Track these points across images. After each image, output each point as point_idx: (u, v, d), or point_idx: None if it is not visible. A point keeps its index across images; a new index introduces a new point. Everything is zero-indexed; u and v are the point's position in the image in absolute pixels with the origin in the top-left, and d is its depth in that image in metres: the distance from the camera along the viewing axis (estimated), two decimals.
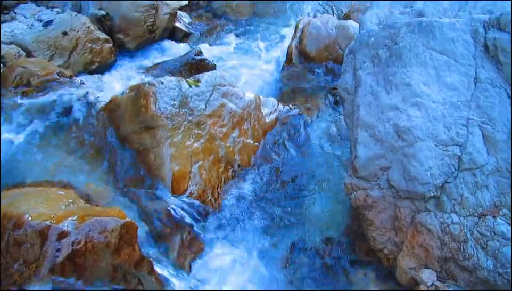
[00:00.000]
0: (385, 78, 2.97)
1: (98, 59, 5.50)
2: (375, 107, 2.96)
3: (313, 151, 4.15)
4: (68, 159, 3.84)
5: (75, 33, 5.42)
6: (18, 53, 5.04)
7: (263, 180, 3.89)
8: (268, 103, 4.44)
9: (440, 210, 2.67)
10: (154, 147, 3.64)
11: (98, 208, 3.14)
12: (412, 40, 2.93)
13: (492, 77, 2.71)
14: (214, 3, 7.32)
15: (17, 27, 5.39)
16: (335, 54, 5.11)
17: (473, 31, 2.83)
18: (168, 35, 6.38)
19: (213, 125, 3.90)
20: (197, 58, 5.42)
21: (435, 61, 2.84)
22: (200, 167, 3.68)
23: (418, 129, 2.73)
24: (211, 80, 4.08)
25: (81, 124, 4.13)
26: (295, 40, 5.42)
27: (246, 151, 4.01)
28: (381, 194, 2.91)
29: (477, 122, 2.67)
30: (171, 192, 3.52)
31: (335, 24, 5.29)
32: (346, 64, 3.42)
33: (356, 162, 2.99)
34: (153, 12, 6.05)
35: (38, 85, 4.33)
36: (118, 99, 3.99)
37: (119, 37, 5.90)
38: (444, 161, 2.68)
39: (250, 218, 3.64)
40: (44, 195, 3.10)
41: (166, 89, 3.80)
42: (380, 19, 3.38)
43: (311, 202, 3.74)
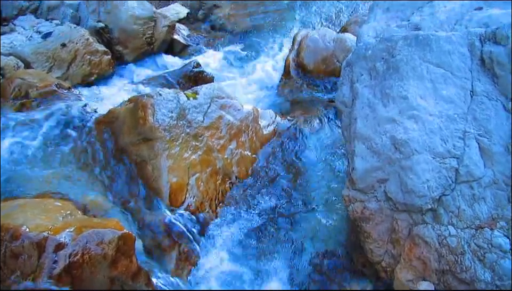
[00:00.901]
0: (382, 91, 2.99)
1: (96, 71, 5.52)
2: (372, 119, 2.98)
3: (310, 163, 4.16)
4: (66, 171, 3.83)
5: (74, 45, 5.45)
6: (17, 64, 5.05)
7: (261, 192, 3.89)
8: (266, 115, 4.46)
9: (437, 223, 2.67)
10: (152, 159, 3.64)
11: (96, 220, 3.13)
12: (409, 53, 2.95)
13: (488, 89, 2.73)
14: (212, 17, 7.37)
15: (16, 39, 5.40)
16: (333, 66, 5.13)
17: (470, 45, 2.84)
18: (166, 48, 6.41)
19: (211, 137, 3.91)
20: (195, 70, 5.45)
21: (432, 74, 2.85)
22: (197, 179, 3.69)
23: (414, 142, 2.74)
24: (209, 92, 4.10)
25: (79, 135, 4.13)
26: (292, 53, 5.45)
27: (244, 163, 4.01)
28: (378, 206, 2.91)
29: (474, 134, 2.68)
30: (169, 204, 3.52)
31: (332, 37, 5.32)
32: (344, 76, 3.43)
33: (353, 174, 2.99)
34: (152, 25, 6.09)
35: (37, 97, 4.34)
36: (117, 111, 4.00)
37: (118, 49, 5.93)
38: (441, 173, 2.68)
39: (248, 231, 3.63)
40: (41, 207, 3.09)
41: (164, 101, 3.81)
42: (377, 32, 3.40)
43: (309, 214, 3.73)
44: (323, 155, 4.24)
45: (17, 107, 4.28)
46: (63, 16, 6.07)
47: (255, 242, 3.57)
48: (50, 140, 4.09)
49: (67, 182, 3.73)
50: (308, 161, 4.17)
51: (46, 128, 4.18)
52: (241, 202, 3.81)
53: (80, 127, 4.19)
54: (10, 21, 5.83)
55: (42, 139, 4.10)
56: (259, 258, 3.48)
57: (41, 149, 4.01)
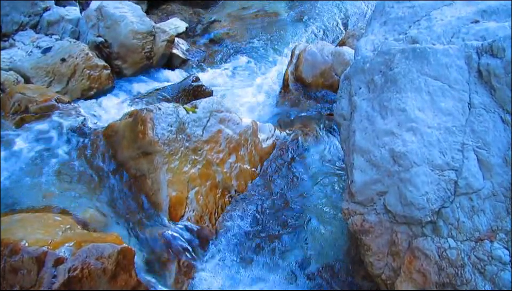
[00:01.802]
0: (380, 104, 3.00)
1: (96, 86, 5.54)
2: (371, 132, 2.98)
3: (310, 176, 4.16)
4: (66, 185, 3.83)
5: (73, 59, 5.47)
6: (16, 79, 5.07)
7: (260, 206, 3.89)
8: (265, 129, 4.47)
9: (437, 235, 2.67)
10: (151, 173, 3.65)
11: (95, 234, 3.13)
12: (407, 66, 2.97)
13: (485, 102, 2.74)
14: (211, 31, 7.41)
15: (16, 54, 5.44)
16: (331, 80, 5.15)
17: (467, 57, 2.86)
18: (165, 62, 6.44)
19: (210, 151, 3.92)
20: (194, 84, 5.46)
21: (430, 87, 2.87)
22: (197, 192, 3.69)
23: (413, 154, 2.74)
24: (208, 106, 4.11)
25: (78, 150, 4.14)
26: (291, 66, 5.47)
27: (243, 177, 4.02)
28: (378, 219, 2.91)
29: (472, 147, 2.69)
30: (168, 218, 3.51)
31: (331, 50, 5.34)
32: (342, 89, 3.45)
33: (352, 187, 2.99)
34: (151, 39, 6.12)
35: (36, 111, 4.35)
36: (116, 125, 4.01)
37: (117, 64, 5.96)
38: (440, 185, 2.68)
39: (247, 244, 3.63)
40: (41, 221, 3.09)
41: (163, 115, 3.82)
42: (375, 46, 3.42)
43: (308, 228, 3.73)
44: (322, 168, 4.24)
45: (17, 122, 4.29)
46: (63, 31, 6.11)
47: (254, 255, 3.56)
48: (49, 154, 4.10)
49: (67, 196, 3.73)
50: (308, 174, 4.17)
51: (45, 142, 4.19)
52: (241, 216, 3.80)
53: (79, 141, 4.20)
54: (11, 36, 5.87)
55: (42, 153, 4.10)
56: (258, 271, 3.47)
57: (40, 163, 4.02)
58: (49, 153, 4.11)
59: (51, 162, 4.03)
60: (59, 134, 4.25)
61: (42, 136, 4.23)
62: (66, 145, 4.20)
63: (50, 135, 4.25)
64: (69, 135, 4.27)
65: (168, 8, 7.98)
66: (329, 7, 7.55)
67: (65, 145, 4.20)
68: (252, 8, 8.01)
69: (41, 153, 4.11)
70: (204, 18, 7.83)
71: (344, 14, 7.34)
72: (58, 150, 4.15)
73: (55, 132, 4.26)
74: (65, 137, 4.24)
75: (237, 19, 7.74)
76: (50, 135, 4.25)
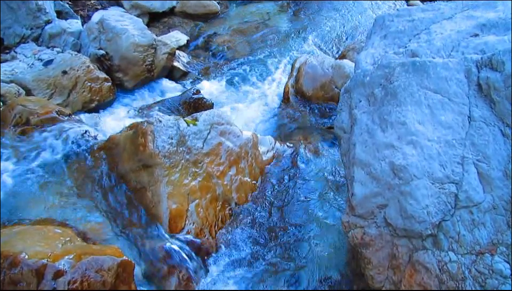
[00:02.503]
0: (380, 117, 3.01)
1: (97, 98, 5.56)
2: (371, 145, 2.99)
3: (310, 189, 4.16)
4: (66, 197, 3.83)
5: (75, 72, 5.49)
6: (18, 91, 5.09)
7: (260, 218, 3.89)
8: (265, 141, 4.48)
9: (437, 248, 2.66)
10: (151, 186, 3.65)
11: (95, 247, 3.12)
12: (407, 80, 2.98)
13: (485, 115, 2.75)
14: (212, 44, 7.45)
15: (18, 67, 5.45)
16: (331, 92, 5.17)
17: (467, 71, 2.88)
18: (166, 74, 6.45)
19: (210, 163, 3.92)
20: (195, 97, 5.48)
21: (430, 100, 2.88)
22: (197, 205, 3.68)
23: (413, 167, 2.75)
24: (209, 119, 4.12)
25: (79, 162, 4.14)
26: (291, 79, 5.49)
27: (243, 189, 4.02)
28: (378, 232, 2.90)
29: (472, 160, 2.69)
30: (168, 231, 3.51)
31: (331, 63, 5.37)
32: (342, 103, 3.46)
33: (352, 200, 2.99)
34: (152, 52, 6.15)
35: (37, 123, 4.36)
36: (117, 138, 4.02)
37: (118, 76, 5.97)
38: (440, 199, 2.68)
39: (248, 257, 3.62)
40: (41, 234, 3.09)
41: (164, 127, 3.83)
42: (375, 59, 3.44)
43: (309, 241, 3.72)
44: (322, 181, 4.25)
45: (18, 134, 4.29)
46: (64, 44, 6.14)
47: (254, 268, 3.55)
48: (49, 166, 4.10)
49: (67, 208, 3.73)
50: (308, 187, 4.17)
51: (46, 154, 4.19)
52: (241, 229, 3.80)
53: (80, 153, 4.20)
54: (12, 48, 5.90)
55: (42, 165, 4.11)
56: (258, 285, 3.46)
57: (40, 175, 4.02)
58: (49, 165, 4.12)
59: (51, 174, 4.04)
60: (60, 146, 4.25)
61: (43, 148, 4.23)
62: (67, 158, 4.20)
63: (51, 147, 4.25)
64: (70, 147, 4.27)
65: (170, 21, 8.02)
66: (329, 20, 7.59)
67: (66, 157, 4.20)
68: (252, 21, 8.06)
69: (41, 165, 4.11)
70: (205, 32, 7.86)
71: (344, 27, 7.38)
72: (59, 162, 4.15)
73: (55, 145, 4.26)
74: (66, 149, 4.24)
75: (237, 32, 7.78)
76: (51, 147, 4.25)
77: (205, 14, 8.26)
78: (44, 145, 4.25)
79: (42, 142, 4.28)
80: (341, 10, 7.71)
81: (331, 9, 7.83)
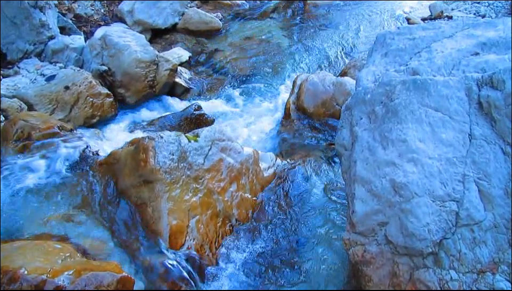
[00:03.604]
0: (381, 134, 3.01)
1: (98, 114, 5.58)
2: (372, 162, 2.99)
3: (311, 206, 4.15)
4: (66, 212, 3.83)
5: (77, 87, 5.52)
6: (20, 106, 5.11)
7: (261, 235, 3.88)
8: (266, 158, 4.48)
9: (438, 267, 2.65)
10: (152, 201, 3.65)
11: (95, 262, 3.11)
12: (408, 97, 2.99)
13: (486, 133, 2.76)
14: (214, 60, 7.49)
15: (20, 82, 5.49)
16: (332, 109, 5.18)
17: (467, 89, 2.89)
18: (168, 91, 6.49)
19: (211, 179, 3.92)
20: (196, 113, 5.49)
21: (430, 118, 2.89)
22: (197, 221, 3.68)
23: (414, 185, 2.75)
24: (210, 135, 4.13)
25: (79, 177, 4.14)
26: (292, 96, 5.51)
27: (244, 206, 4.01)
28: (379, 250, 2.89)
29: (473, 178, 2.69)
30: (168, 247, 3.50)
31: (332, 80, 5.39)
32: (343, 120, 3.47)
33: (353, 217, 2.99)
34: (154, 68, 6.18)
35: (39, 138, 4.37)
36: (118, 153, 4.03)
37: (120, 92, 6.00)
38: (441, 217, 2.68)
39: (248, 275, 3.60)
40: (41, 249, 3.08)
41: (165, 143, 3.84)
42: (376, 76, 3.46)
43: (309, 258, 3.71)
44: (323, 198, 4.24)
45: (19, 149, 4.30)
46: (67, 60, 6.18)
47: (254, 285, 3.53)
48: (50, 181, 4.11)
49: (67, 223, 3.73)
50: (308, 204, 4.17)
51: (47, 169, 4.20)
52: (241, 245, 3.79)
53: (81, 168, 4.21)
54: (15, 63, 5.93)
55: (43, 180, 4.11)
56: None
57: (41, 190, 4.02)
58: (50, 180, 4.12)
59: (52, 190, 4.04)
60: (61, 161, 4.26)
61: (44, 163, 4.24)
62: (68, 173, 4.21)
63: (52, 162, 4.26)
64: (71, 162, 4.28)
65: (172, 38, 8.08)
66: (330, 37, 7.64)
67: (67, 173, 4.21)
68: (254, 38, 8.11)
69: (42, 180, 4.11)
70: (207, 48, 7.91)
71: (345, 44, 7.42)
72: (60, 177, 4.16)
73: (57, 160, 4.27)
74: (67, 164, 4.25)
75: (239, 48, 7.83)
76: (52, 162, 4.26)
77: (207, 30, 8.32)
78: (45, 160, 4.26)
79: (43, 157, 4.28)
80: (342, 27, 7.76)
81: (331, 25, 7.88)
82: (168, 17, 8.05)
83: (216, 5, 9.31)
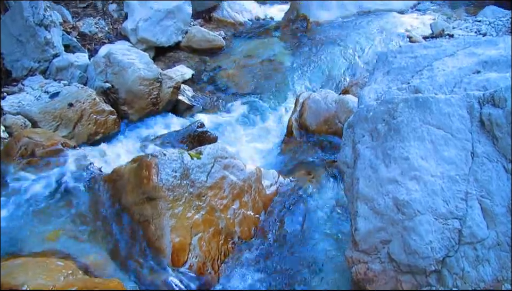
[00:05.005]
0: (383, 152, 3.02)
1: (102, 130, 5.61)
2: (374, 180, 3.00)
3: (313, 223, 4.14)
4: (69, 229, 3.83)
5: (80, 104, 5.56)
6: (24, 123, 5.15)
7: (263, 253, 3.87)
8: (269, 175, 4.48)
9: (441, 285, 2.64)
10: (155, 218, 3.64)
11: (97, 280, 3.11)
12: (410, 115, 3.00)
13: (488, 151, 2.76)
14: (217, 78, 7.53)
15: (25, 99, 5.53)
16: (335, 127, 5.19)
17: (469, 107, 2.90)
18: (171, 108, 6.51)
19: (214, 197, 3.92)
20: (199, 130, 5.51)
21: (432, 135, 2.90)
22: (200, 238, 3.67)
23: (417, 203, 2.75)
24: (213, 152, 4.14)
25: (82, 194, 4.15)
26: (295, 114, 5.52)
27: (246, 223, 4.00)
28: (382, 267, 2.88)
29: (476, 195, 2.69)
30: (171, 264, 3.49)
31: (334, 98, 5.40)
32: (345, 137, 3.48)
33: (356, 235, 2.98)
34: (157, 85, 6.22)
35: (42, 155, 4.39)
36: (121, 170, 4.04)
37: (123, 109, 6.04)
38: (444, 234, 2.68)
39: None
40: (43, 266, 3.08)
41: (168, 161, 3.85)
42: (378, 94, 3.48)
43: (311, 275, 3.69)
44: (325, 215, 4.23)
45: (23, 166, 4.32)
46: (71, 77, 6.23)
47: None
48: (53, 198, 4.12)
49: (69, 240, 3.73)
50: (311, 222, 4.16)
51: (50, 186, 4.21)
52: (244, 263, 3.77)
53: (84, 185, 4.22)
54: (20, 81, 5.98)
55: (46, 197, 4.12)
56: None
57: (43, 207, 4.03)
58: (53, 197, 4.13)
59: (54, 206, 4.05)
60: (64, 178, 4.27)
61: (47, 180, 4.25)
62: (70, 189, 4.22)
63: (55, 179, 4.28)
64: (74, 179, 4.29)
65: (175, 56, 8.14)
66: (332, 55, 7.67)
67: (69, 189, 4.22)
68: (256, 56, 8.16)
69: (44, 197, 4.12)
70: (210, 66, 7.96)
71: (347, 62, 7.45)
72: (63, 194, 4.17)
73: (59, 177, 4.28)
74: (70, 181, 4.26)
75: (242, 66, 7.87)
76: (55, 179, 4.28)
77: (210, 48, 8.38)
78: (48, 177, 4.28)
79: (46, 174, 4.30)
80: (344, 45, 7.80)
81: (334, 44, 7.92)
82: (172, 36, 8.11)
83: (219, 24, 9.40)
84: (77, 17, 8.05)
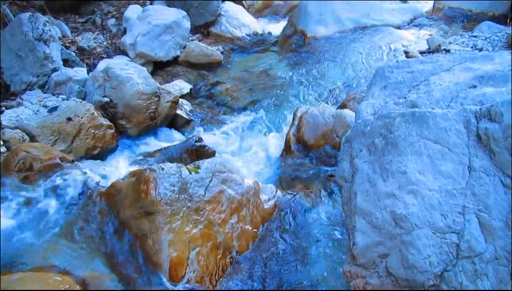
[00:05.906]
0: (381, 166, 3.03)
1: (100, 145, 5.61)
2: (372, 194, 3.00)
3: (311, 238, 4.14)
4: (66, 244, 3.82)
5: (79, 119, 5.57)
6: (22, 137, 5.15)
7: (261, 267, 3.85)
8: (267, 190, 4.48)
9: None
10: (153, 233, 3.64)
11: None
12: (407, 130, 3.02)
13: (485, 165, 2.77)
14: (215, 92, 7.55)
15: (23, 113, 5.53)
16: (332, 141, 5.20)
17: (466, 121, 2.92)
18: (169, 122, 6.53)
19: (212, 211, 3.92)
20: (197, 144, 5.51)
21: (430, 150, 2.91)
22: (198, 253, 3.66)
23: (414, 217, 2.75)
24: (211, 167, 4.15)
25: (80, 209, 4.15)
26: (293, 128, 5.54)
27: (245, 237, 4.00)
28: (380, 282, 2.88)
29: (473, 210, 2.70)
30: (169, 279, 3.48)
31: (332, 113, 5.42)
32: (343, 152, 3.49)
33: (354, 249, 2.98)
34: (155, 100, 6.24)
35: (40, 169, 4.39)
36: (119, 185, 4.04)
37: (122, 123, 6.05)
38: (442, 249, 2.68)
39: None
40: (41, 281, 3.07)
41: (166, 175, 3.85)
42: (375, 109, 3.49)
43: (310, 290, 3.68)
44: (323, 230, 4.23)
45: (21, 180, 4.32)
46: (70, 91, 6.25)
47: None
48: (51, 213, 4.11)
49: (67, 255, 3.72)
50: (309, 236, 4.15)
51: (47, 200, 4.21)
52: (241, 278, 3.76)
53: (82, 199, 4.21)
54: (19, 95, 6.00)
55: (43, 211, 4.11)
56: None
57: (41, 222, 4.02)
58: (50, 212, 4.12)
59: (52, 221, 4.04)
60: (62, 192, 4.27)
61: (45, 195, 4.25)
62: (68, 204, 4.21)
63: (52, 193, 4.27)
64: (72, 194, 4.29)
65: (173, 70, 8.17)
66: (330, 70, 7.71)
67: (67, 204, 4.21)
68: (254, 70, 8.20)
69: (42, 212, 4.12)
70: (208, 80, 8.00)
71: (345, 77, 7.49)
72: (60, 209, 4.16)
73: (57, 191, 4.28)
74: (68, 195, 4.26)
75: (240, 81, 7.90)
76: (52, 193, 4.27)
77: (208, 63, 8.43)
78: (46, 191, 4.27)
79: (43, 188, 4.30)
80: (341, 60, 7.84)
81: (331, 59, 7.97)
82: (170, 50, 8.16)
83: (217, 38, 9.46)
84: (76, 32, 8.11)
